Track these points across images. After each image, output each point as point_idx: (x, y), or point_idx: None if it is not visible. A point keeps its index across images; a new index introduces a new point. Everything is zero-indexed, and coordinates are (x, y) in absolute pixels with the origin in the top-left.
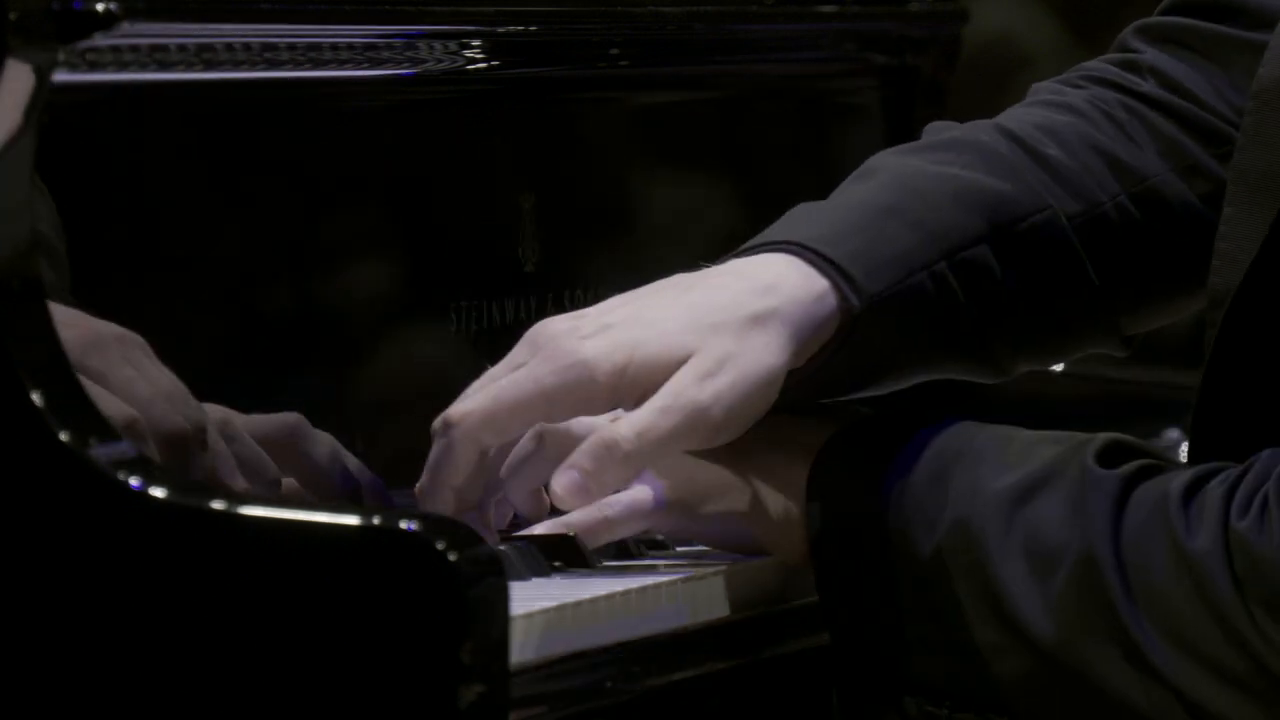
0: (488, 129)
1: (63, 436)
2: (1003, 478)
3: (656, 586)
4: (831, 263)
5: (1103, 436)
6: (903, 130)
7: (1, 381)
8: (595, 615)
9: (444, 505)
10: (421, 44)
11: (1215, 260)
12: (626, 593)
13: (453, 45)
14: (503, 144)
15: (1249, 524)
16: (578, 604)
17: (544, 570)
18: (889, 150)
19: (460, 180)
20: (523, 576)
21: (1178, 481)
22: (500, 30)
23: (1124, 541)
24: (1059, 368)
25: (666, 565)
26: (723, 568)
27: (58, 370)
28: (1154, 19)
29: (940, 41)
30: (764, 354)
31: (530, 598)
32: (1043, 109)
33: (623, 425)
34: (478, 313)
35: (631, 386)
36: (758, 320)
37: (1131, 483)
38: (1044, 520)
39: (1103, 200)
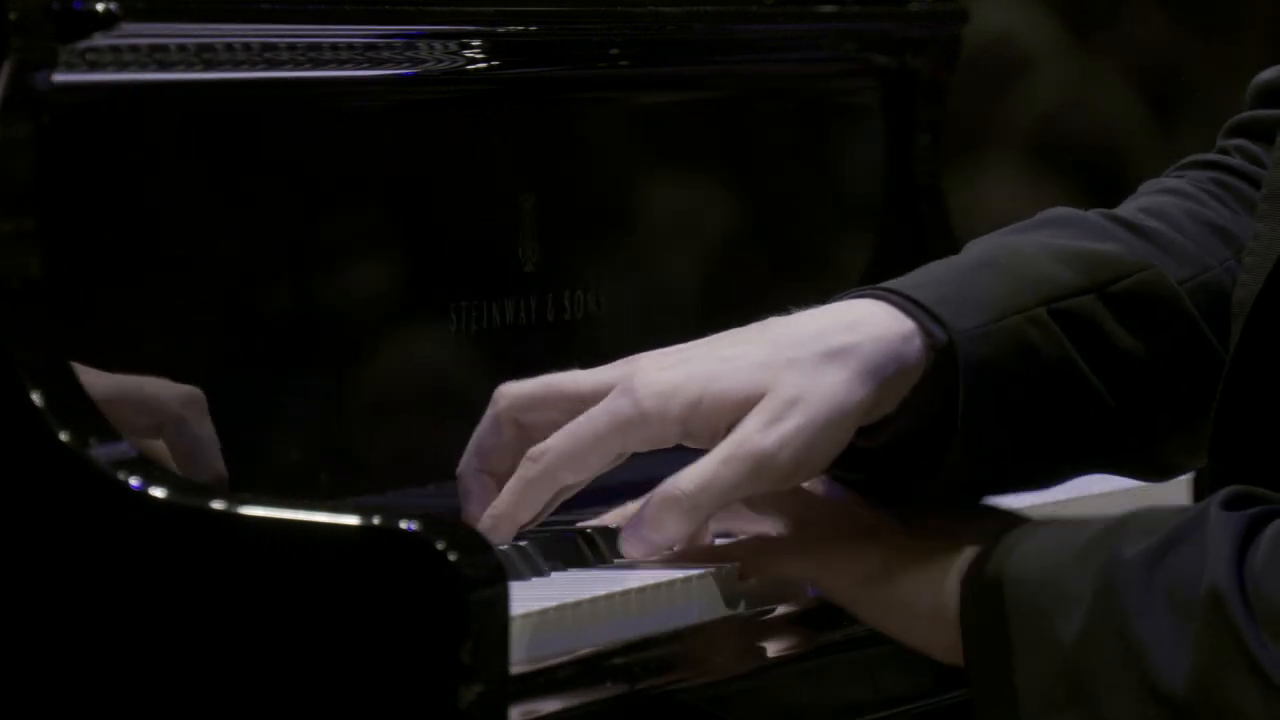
0: (488, 129)
1: (63, 436)
2: (1139, 543)
3: (656, 586)
4: (918, 304)
5: (1232, 488)
6: (903, 130)
7: (1, 381)
8: (595, 615)
9: (507, 535)
10: (421, 44)
11: (1242, 274)
12: (626, 593)
13: (453, 45)
14: (503, 144)
15: None
16: (577, 604)
17: (544, 570)
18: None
19: (460, 180)
20: (523, 576)
21: None
22: (500, 30)
23: (1248, 574)
24: None
25: (666, 565)
26: (725, 567)
27: (58, 370)
28: (1235, 118)
29: (940, 42)
30: (837, 391)
31: (530, 598)
32: (1141, 197)
33: (684, 478)
34: (478, 313)
35: (704, 422)
36: (834, 355)
37: (1256, 522)
38: (1180, 571)
39: (1212, 265)
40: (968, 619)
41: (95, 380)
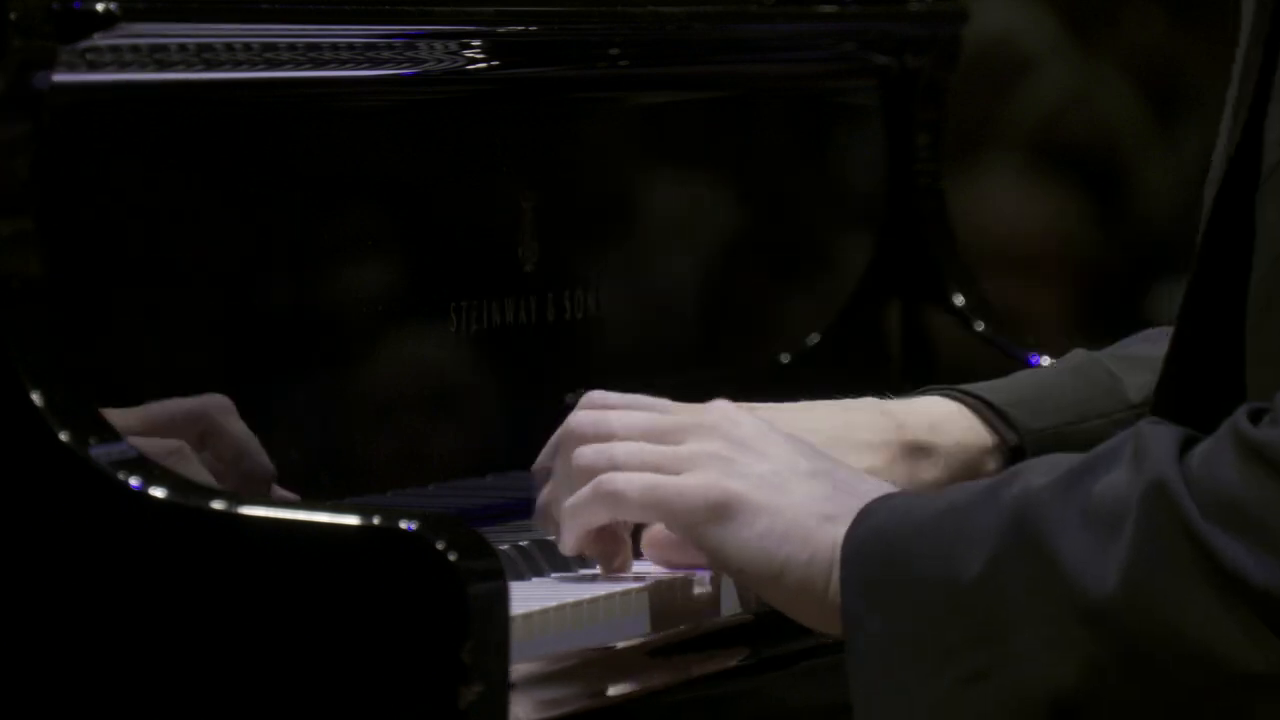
0: (488, 129)
1: (63, 436)
2: (1046, 477)
3: (659, 586)
4: (992, 406)
5: (1152, 419)
6: (903, 130)
7: (1, 381)
8: (595, 615)
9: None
10: (421, 44)
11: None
12: (627, 593)
13: (453, 45)
14: (503, 144)
15: None
16: (578, 604)
17: (544, 570)
18: None
19: (460, 180)
20: (523, 576)
21: (1239, 411)
22: (500, 30)
23: (1191, 466)
24: None
25: (668, 565)
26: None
27: (58, 370)
28: None
29: (940, 41)
30: None
31: (530, 598)
32: None
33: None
34: (478, 313)
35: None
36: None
37: (1189, 438)
38: (1103, 491)
39: None
40: (847, 572)
41: (123, 418)
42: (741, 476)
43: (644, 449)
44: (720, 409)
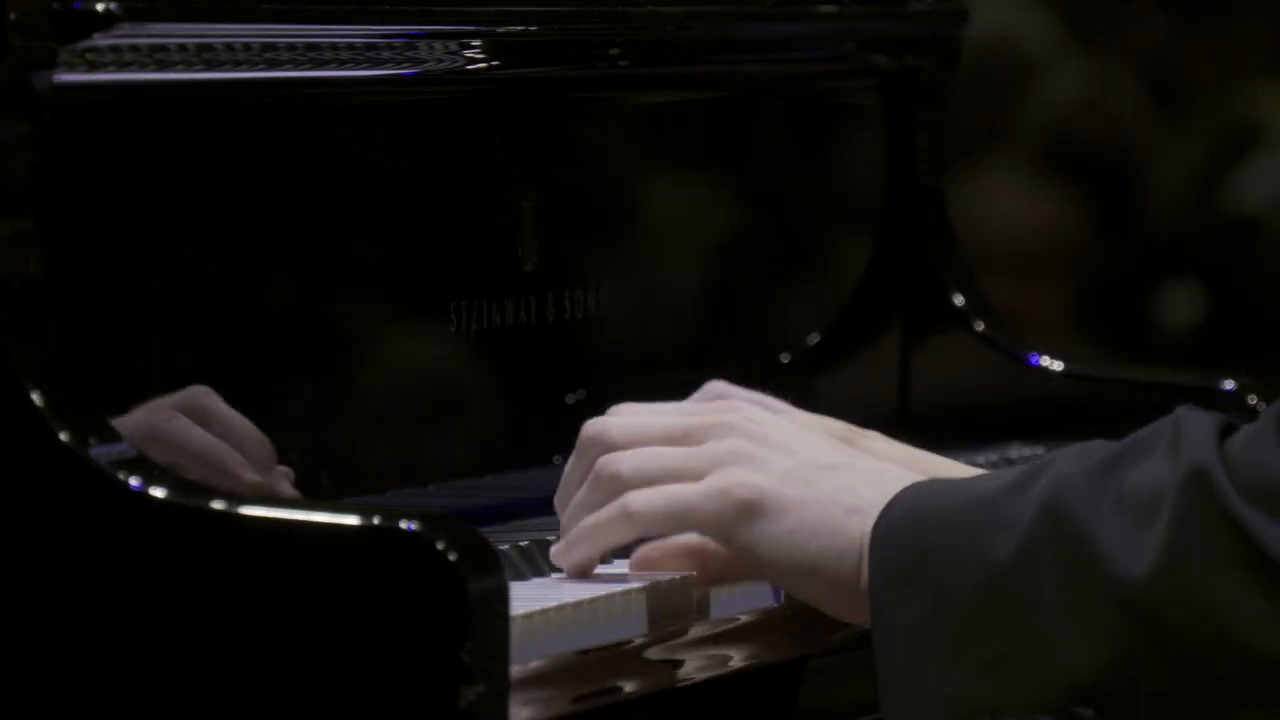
0: (488, 129)
1: (63, 436)
2: (1088, 459)
3: (659, 586)
4: None
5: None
6: (903, 131)
7: (1, 381)
8: (596, 615)
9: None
10: (421, 44)
11: None
12: (627, 593)
13: (453, 45)
14: (503, 144)
15: None
16: (578, 604)
17: (544, 570)
18: None
19: (460, 180)
20: (523, 576)
21: None
22: (500, 30)
23: (1231, 452)
24: (1059, 366)
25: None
26: None
27: (58, 370)
28: None
29: (940, 42)
30: None
31: (531, 598)
32: None
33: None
34: (478, 313)
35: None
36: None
37: (1227, 424)
38: (1139, 479)
39: None
40: (876, 559)
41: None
42: (766, 473)
43: (665, 453)
44: (739, 408)
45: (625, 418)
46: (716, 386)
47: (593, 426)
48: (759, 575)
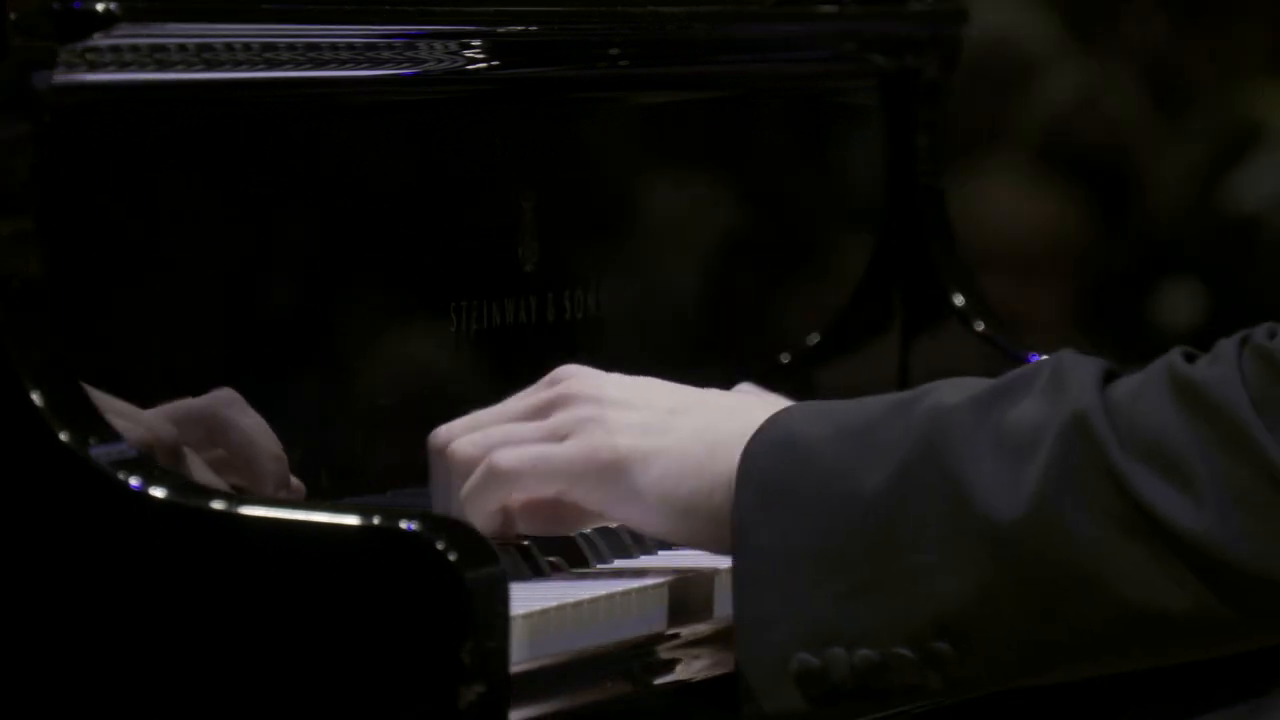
0: (488, 129)
1: (63, 436)
2: (959, 395)
3: (657, 586)
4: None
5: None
6: (903, 131)
7: (1, 381)
8: (595, 615)
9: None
10: (421, 44)
11: None
12: (627, 592)
13: (453, 45)
14: (503, 144)
15: (1270, 342)
16: (578, 604)
17: (544, 570)
18: None
19: (460, 180)
20: (523, 576)
21: (1173, 351)
22: (500, 30)
23: (1115, 400)
24: None
25: (669, 564)
26: (722, 569)
27: (58, 370)
28: None
29: (940, 42)
30: None
31: (530, 598)
32: None
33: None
34: (478, 313)
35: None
36: None
37: (1112, 370)
38: (1019, 410)
39: None
40: (743, 484)
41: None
42: (620, 431)
43: (518, 428)
44: (574, 375)
45: (464, 417)
46: (560, 369)
47: (436, 436)
48: (639, 528)
